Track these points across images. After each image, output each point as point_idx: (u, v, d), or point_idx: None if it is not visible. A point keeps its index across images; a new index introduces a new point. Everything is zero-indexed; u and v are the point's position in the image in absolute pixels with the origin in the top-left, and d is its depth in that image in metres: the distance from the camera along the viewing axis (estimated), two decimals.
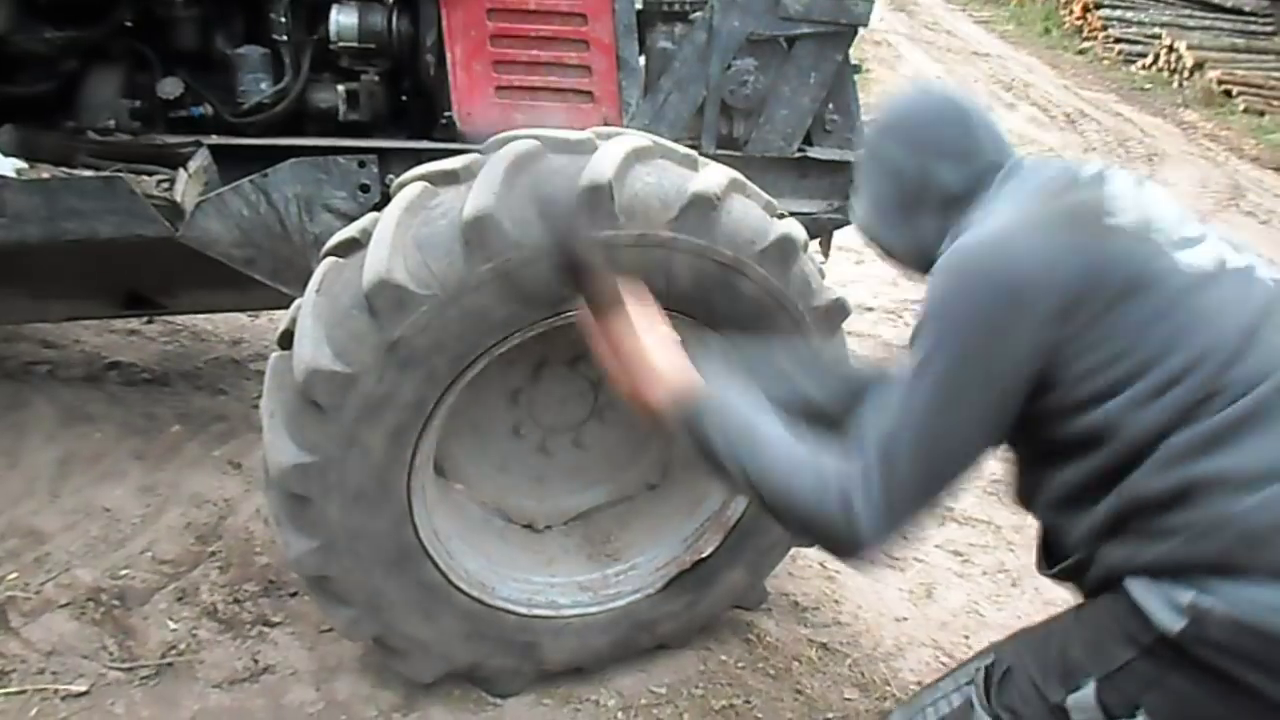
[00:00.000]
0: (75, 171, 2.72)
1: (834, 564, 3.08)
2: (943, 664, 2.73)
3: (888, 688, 2.61)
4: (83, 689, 2.35)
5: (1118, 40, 14.46)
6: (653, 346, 1.61)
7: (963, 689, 1.63)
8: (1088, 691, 1.44)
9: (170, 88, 2.82)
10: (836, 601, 2.92)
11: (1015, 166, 1.68)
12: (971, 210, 1.64)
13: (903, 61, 12.68)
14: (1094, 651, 1.45)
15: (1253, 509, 1.32)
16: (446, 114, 2.88)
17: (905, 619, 2.90)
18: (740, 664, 2.64)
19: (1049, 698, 1.48)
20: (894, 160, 1.71)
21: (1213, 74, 12.30)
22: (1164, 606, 1.35)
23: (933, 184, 1.68)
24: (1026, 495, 1.62)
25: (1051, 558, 1.63)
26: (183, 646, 2.51)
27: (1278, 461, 1.35)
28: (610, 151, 2.08)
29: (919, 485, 1.45)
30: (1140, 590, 1.38)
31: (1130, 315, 1.43)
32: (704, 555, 2.52)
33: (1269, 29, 14.29)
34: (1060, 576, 1.62)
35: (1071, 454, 1.48)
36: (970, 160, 1.67)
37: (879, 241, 1.79)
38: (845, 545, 1.46)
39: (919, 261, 1.74)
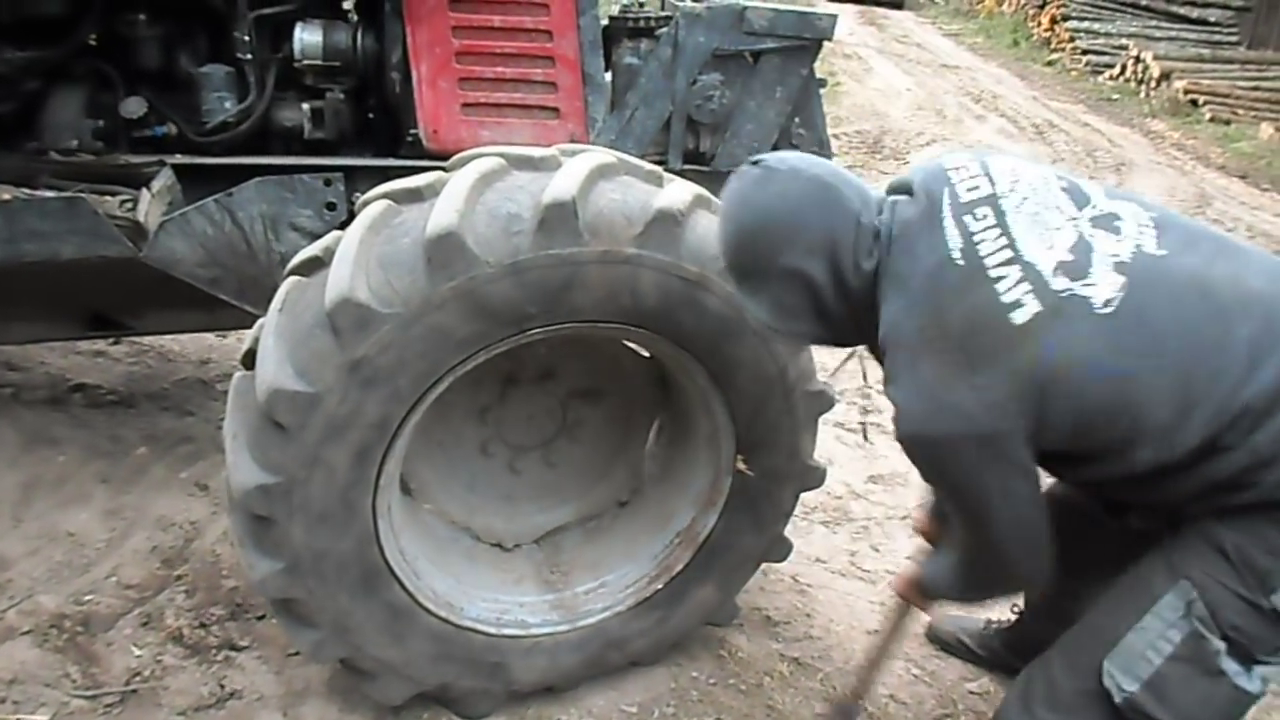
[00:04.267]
0: (37, 192, 2.69)
1: (806, 578, 3.08)
2: (914, 676, 2.74)
3: (860, 702, 2.60)
4: (45, 718, 2.31)
5: (1085, 51, 14.62)
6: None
7: (1176, 624, 1.70)
8: None
9: (133, 107, 2.80)
10: (808, 615, 2.92)
11: (890, 231, 1.74)
12: (881, 285, 1.74)
13: (873, 74, 12.75)
14: (1275, 553, 1.63)
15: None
16: (412, 131, 2.88)
17: (877, 632, 2.88)
18: (712, 680, 2.63)
19: (1260, 605, 1.64)
20: (793, 268, 1.74)
21: (1179, 84, 12.44)
22: None
23: (840, 280, 1.74)
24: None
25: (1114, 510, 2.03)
26: (147, 673, 2.47)
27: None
28: (574, 168, 2.08)
29: (1034, 543, 1.77)
30: None
31: (1059, 406, 1.61)
32: (675, 572, 2.51)
33: (1234, 39, 14.49)
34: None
35: (1133, 482, 1.73)
36: (862, 241, 1.74)
37: (803, 339, 1.94)
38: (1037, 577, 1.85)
39: (851, 340, 1.90)
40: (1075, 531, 2.14)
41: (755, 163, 1.80)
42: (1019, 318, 1.58)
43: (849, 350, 2.34)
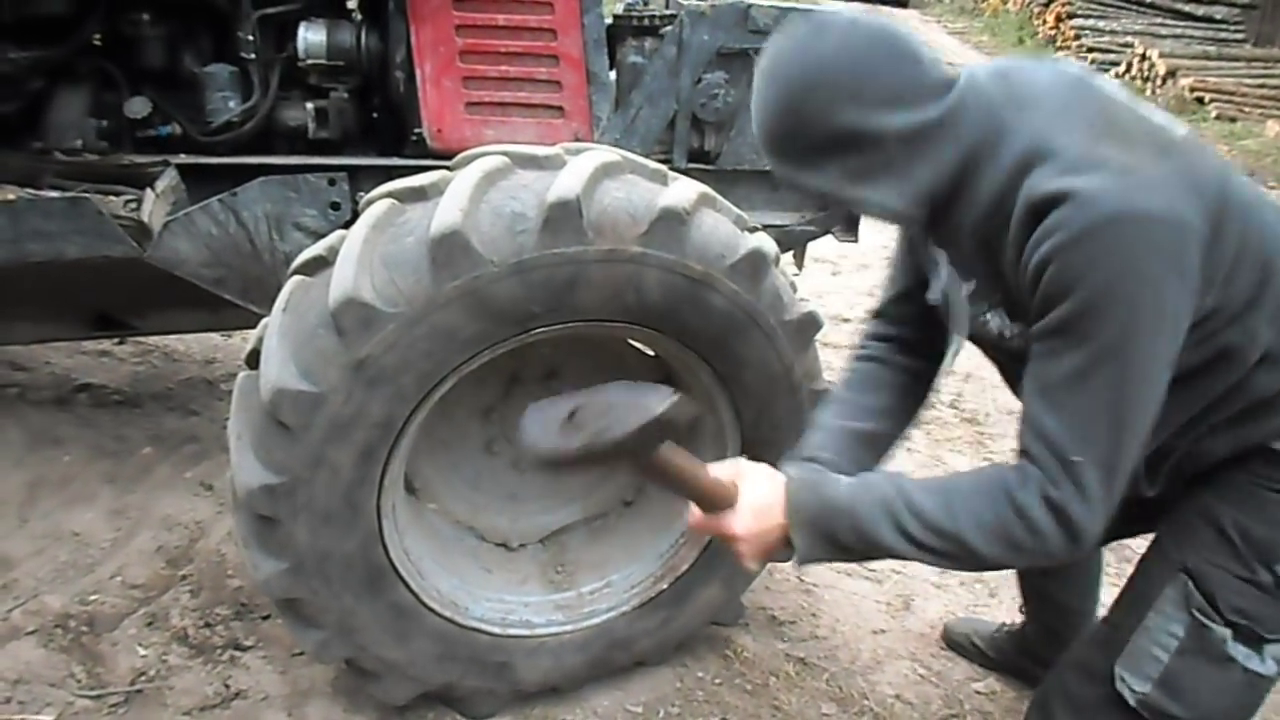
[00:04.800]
0: (41, 192, 2.69)
1: (811, 578, 3.07)
2: (920, 675, 2.73)
3: (865, 702, 2.60)
4: (50, 718, 2.31)
5: (1091, 49, 14.59)
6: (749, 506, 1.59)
7: (1177, 618, 1.67)
8: None
9: (138, 107, 2.79)
10: (814, 615, 2.91)
11: (966, 75, 1.55)
12: (990, 114, 1.50)
13: None
14: (1276, 523, 1.62)
15: None
16: (417, 131, 2.87)
17: (883, 631, 2.89)
18: (717, 680, 2.62)
19: (1261, 581, 1.62)
20: (857, 124, 1.48)
21: (1185, 81, 12.43)
22: None
23: (919, 124, 1.49)
24: None
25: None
26: (152, 673, 2.47)
27: None
28: (578, 167, 2.07)
29: (1125, 453, 1.45)
30: None
31: (1230, 227, 1.47)
32: (680, 571, 2.51)
33: (1239, 36, 14.47)
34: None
35: (1201, 373, 1.55)
36: (935, 84, 1.51)
37: (877, 207, 1.56)
38: (1068, 550, 1.47)
39: (922, 211, 1.57)
40: None
41: (802, 18, 1.56)
42: (1180, 133, 1.51)
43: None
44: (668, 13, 3.06)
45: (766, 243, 2.22)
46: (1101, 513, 1.45)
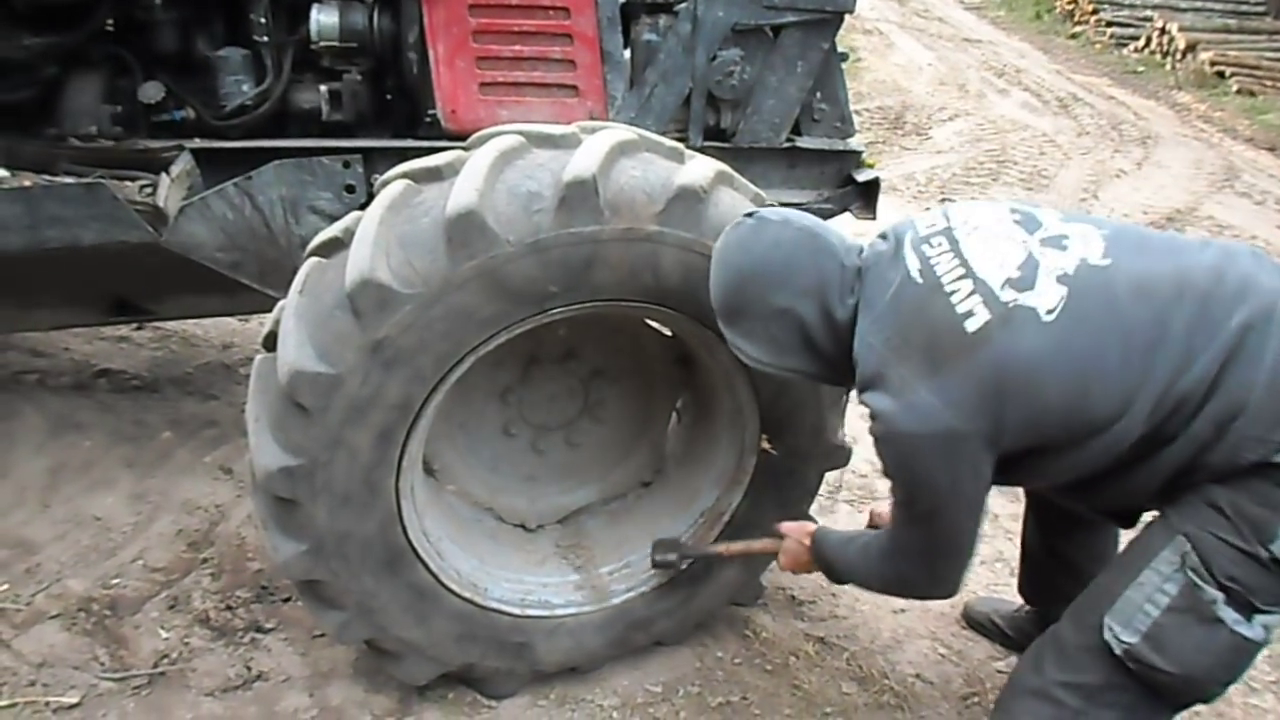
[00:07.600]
0: (57, 178, 2.69)
1: None
2: (941, 655, 2.72)
3: (886, 681, 2.59)
4: (74, 700, 2.34)
5: (1109, 24, 14.42)
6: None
7: (1172, 577, 1.77)
8: None
9: (151, 92, 2.79)
10: (833, 595, 2.90)
11: (862, 267, 1.92)
12: (858, 318, 1.88)
13: (894, 50, 12.63)
14: (1268, 504, 1.70)
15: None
16: (431, 112, 2.86)
17: (903, 611, 2.87)
18: (737, 660, 2.62)
19: (1257, 555, 1.71)
20: (785, 307, 1.89)
21: (1205, 55, 12.26)
22: None
23: (828, 316, 1.90)
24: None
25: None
26: (175, 655, 2.49)
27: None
28: (594, 146, 2.06)
29: (952, 552, 1.93)
30: None
31: (1032, 397, 1.72)
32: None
33: (1260, 9, 14.26)
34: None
35: (1100, 475, 1.84)
36: (845, 281, 1.90)
37: (794, 374, 1.99)
38: (935, 592, 2.05)
39: (839, 374, 1.96)
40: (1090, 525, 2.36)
41: (749, 214, 1.97)
42: (971, 325, 1.73)
43: None
44: None
45: None
46: (950, 565, 1.94)
